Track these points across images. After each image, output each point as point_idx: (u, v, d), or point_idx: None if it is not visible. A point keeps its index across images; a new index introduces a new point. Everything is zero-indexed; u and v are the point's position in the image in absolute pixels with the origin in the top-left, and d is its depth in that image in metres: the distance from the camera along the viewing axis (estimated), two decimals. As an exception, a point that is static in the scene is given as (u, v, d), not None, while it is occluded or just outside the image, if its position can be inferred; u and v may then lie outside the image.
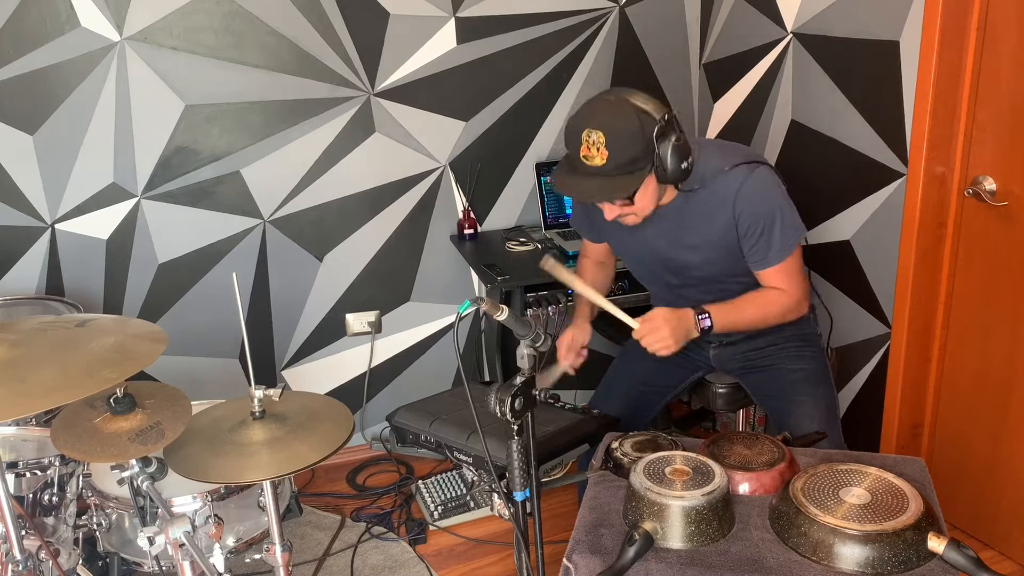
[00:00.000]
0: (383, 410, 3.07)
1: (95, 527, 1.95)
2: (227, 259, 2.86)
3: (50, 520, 1.95)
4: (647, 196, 1.90)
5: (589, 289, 1.98)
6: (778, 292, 2.01)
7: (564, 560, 1.50)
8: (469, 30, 2.89)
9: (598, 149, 1.79)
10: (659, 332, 1.90)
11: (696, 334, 1.95)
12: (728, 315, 1.98)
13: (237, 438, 1.64)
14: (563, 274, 1.97)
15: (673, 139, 1.82)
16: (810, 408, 2.07)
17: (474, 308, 1.42)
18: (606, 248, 2.31)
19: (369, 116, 2.86)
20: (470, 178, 3.03)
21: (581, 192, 1.90)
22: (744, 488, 1.59)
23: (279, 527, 1.76)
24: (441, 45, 2.87)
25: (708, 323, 1.95)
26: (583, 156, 1.81)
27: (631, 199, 1.88)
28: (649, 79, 3.14)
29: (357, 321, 3.06)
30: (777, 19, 2.77)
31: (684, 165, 1.84)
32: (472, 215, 3.04)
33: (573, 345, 2.15)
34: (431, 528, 2.71)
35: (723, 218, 1.95)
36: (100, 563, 1.99)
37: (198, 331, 2.87)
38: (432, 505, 2.76)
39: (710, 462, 1.56)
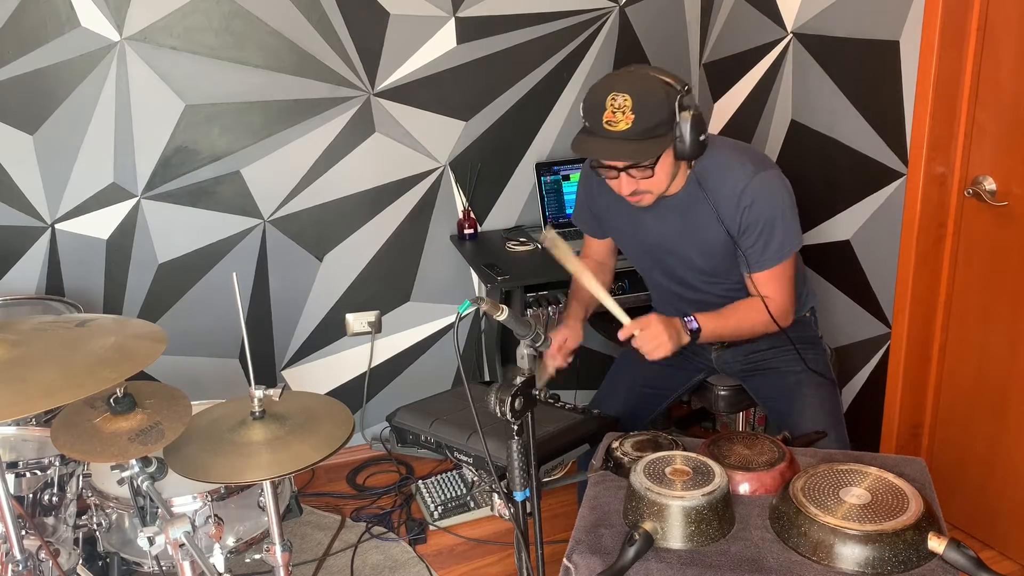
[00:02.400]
0: (383, 410, 3.07)
1: (95, 527, 1.94)
2: (227, 259, 2.86)
3: (50, 520, 1.95)
4: (664, 170, 1.90)
5: (588, 274, 1.92)
6: (770, 303, 2.00)
7: (564, 560, 1.50)
8: (469, 30, 2.89)
9: (624, 113, 1.79)
10: (655, 333, 1.89)
11: (687, 339, 1.94)
12: (714, 321, 1.99)
13: (237, 438, 1.64)
14: (562, 251, 1.88)
15: (692, 111, 1.84)
16: (814, 410, 2.07)
17: (474, 308, 1.42)
18: (608, 246, 2.30)
19: (369, 116, 2.86)
20: (470, 178, 3.03)
21: (604, 153, 1.86)
22: (744, 488, 1.59)
23: (279, 527, 1.76)
24: (441, 45, 2.87)
25: (695, 324, 1.95)
26: (606, 121, 1.80)
27: (652, 170, 1.88)
28: (649, 79, 3.14)
29: (357, 321, 3.06)
30: (777, 19, 2.77)
31: (702, 138, 1.85)
32: (472, 215, 3.04)
33: (564, 348, 2.10)
34: (431, 528, 2.71)
35: (729, 210, 1.95)
36: (100, 563, 1.99)
37: (198, 331, 2.87)
38: (432, 505, 2.76)
39: (710, 462, 1.56)
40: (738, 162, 1.96)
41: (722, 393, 2.30)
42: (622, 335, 1.92)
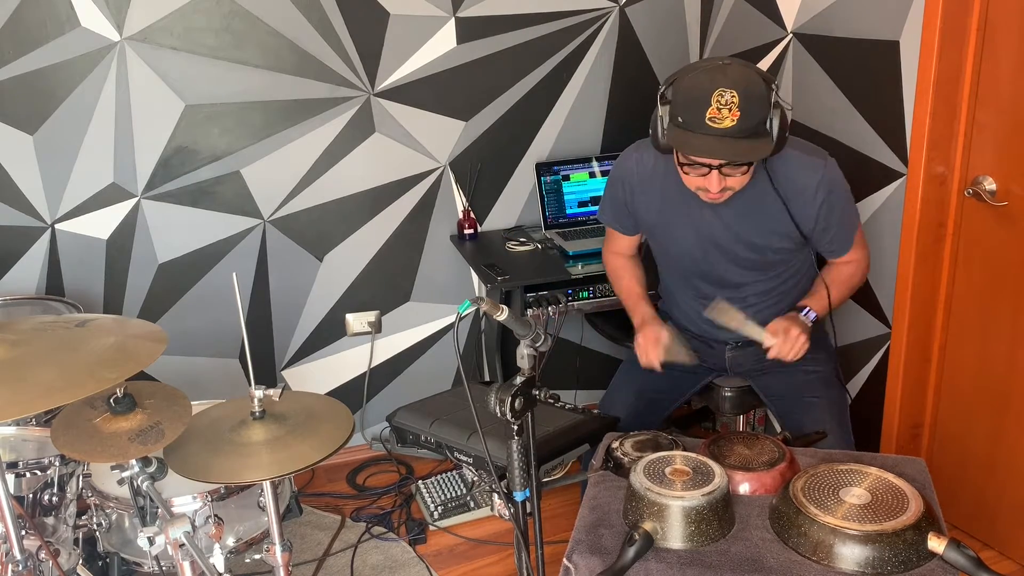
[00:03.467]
0: (383, 410, 3.07)
1: (95, 527, 1.95)
2: (227, 259, 2.86)
3: (50, 520, 1.95)
4: (754, 166, 1.90)
5: (752, 325, 2.03)
6: (853, 264, 2.11)
7: (564, 560, 1.50)
8: (469, 30, 2.89)
9: (730, 110, 1.76)
10: (794, 336, 1.97)
11: (810, 328, 2.03)
12: (822, 301, 2.08)
13: (237, 438, 1.64)
14: (735, 321, 2.04)
15: (784, 106, 1.84)
16: (822, 410, 2.07)
17: (474, 308, 1.42)
18: (636, 241, 2.30)
19: (369, 116, 2.86)
20: (470, 178, 3.03)
21: (719, 150, 1.81)
22: (744, 488, 1.59)
23: (279, 527, 1.76)
24: (441, 45, 2.87)
25: (813, 315, 2.05)
26: (710, 118, 1.77)
27: (750, 166, 1.88)
28: (649, 79, 3.14)
29: (357, 321, 3.06)
30: (777, 19, 2.77)
31: (787, 135, 1.86)
32: (472, 215, 3.04)
33: (661, 342, 2.11)
34: (431, 528, 2.71)
35: (802, 202, 1.97)
36: (100, 563, 1.99)
37: (198, 331, 2.87)
38: (432, 505, 2.76)
39: (710, 462, 1.56)
40: (803, 154, 1.99)
41: (728, 394, 2.30)
42: (771, 355, 2.00)
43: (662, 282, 2.33)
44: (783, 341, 1.97)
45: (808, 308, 2.06)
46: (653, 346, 2.10)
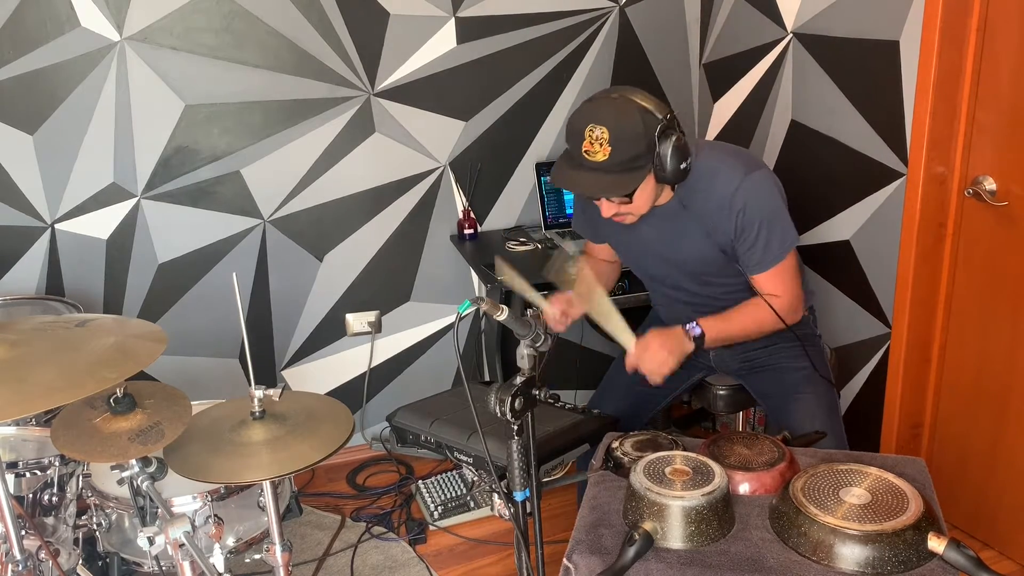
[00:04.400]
0: (383, 410, 3.07)
1: (95, 527, 1.94)
2: (227, 259, 2.86)
3: (50, 520, 1.95)
4: (645, 195, 1.90)
5: (537, 295, 1.91)
6: (775, 301, 1.99)
7: (564, 560, 1.50)
8: (469, 30, 2.89)
9: (601, 145, 1.79)
10: (654, 352, 1.90)
11: (691, 346, 1.94)
12: (718, 324, 1.97)
13: (237, 438, 1.64)
14: (515, 282, 1.88)
15: (674, 139, 1.82)
16: (811, 406, 2.07)
17: (474, 308, 1.42)
18: (606, 249, 2.32)
19: (369, 116, 2.86)
20: (470, 178, 3.03)
21: (581, 186, 1.88)
22: (744, 488, 1.59)
23: (279, 527, 1.76)
24: (441, 45, 2.87)
25: (698, 331, 1.94)
26: (584, 151, 1.81)
27: (630, 197, 1.89)
28: (649, 79, 3.14)
29: (357, 321, 3.06)
30: (777, 19, 2.77)
31: (683, 166, 1.84)
32: (472, 215, 3.04)
33: (569, 314, 2.02)
34: (431, 528, 2.71)
35: (720, 218, 1.95)
36: (100, 563, 1.99)
37: (198, 331, 2.87)
38: (432, 505, 2.76)
39: (710, 462, 1.56)
40: (725, 166, 1.94)
41: (720, 393, 2.30)
42: (628, 368, 1.93)
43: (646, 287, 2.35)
44: (639, 356, 1.90)
45: (697, 324, 1.94)
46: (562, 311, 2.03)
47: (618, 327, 1.89)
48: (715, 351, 2.22)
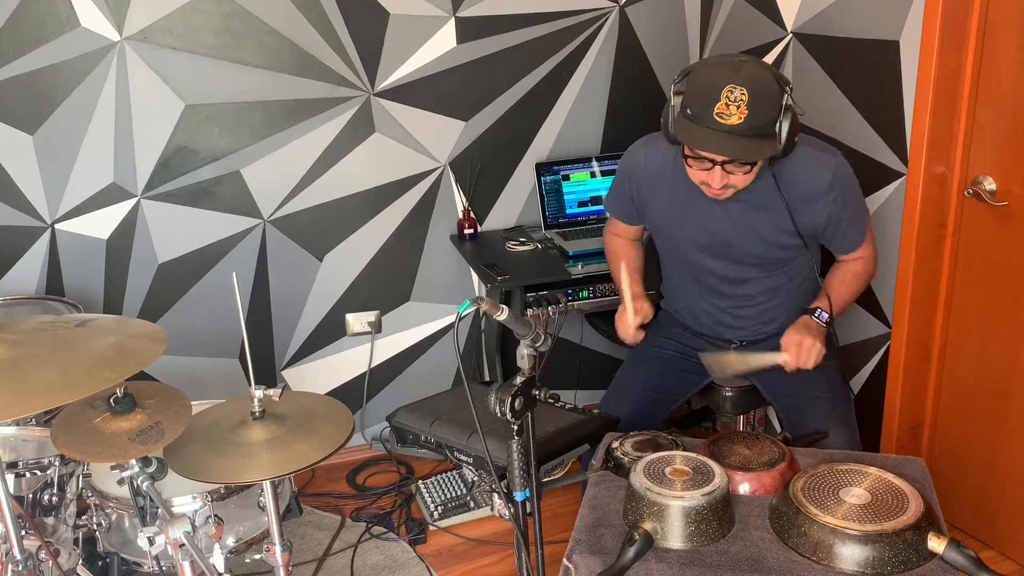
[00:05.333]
0: (383, 410, 3.07)
1: (95, 527, 1.94)
2: (227, 259, 2.86)
3: (50, 520, 1.95)
4: (758, 166, 1.89)
5: (758, 355, 2.05)
6: (862, 261, 2.10)
7: (564, 560, 1.50)
8: (469, 30, 2.89)
9: (738, 107, 1.75)
10: (808, 348, 1.97)
11: (824, 328, 2.04)
12: (833, 302, 2.06)
13: (237, 438, 1.65)
14: (742, 364, 2.06)
15: (796, 110, 1.82)
16: (827, 406, 2.07)
17: (474, 308, 1.42)
18: (637, 231, 2.32)
19: (369, 116, 2.86)
20: (470, 178, 3.03)
21: (721, 146, 1.81)
22: (744, 488, 1.59)
23: (279, 527, 1.76)
24: (441, 45, 2.87)
25: (825, 316, 2.04)
26: (718, 113, 1.76)
27: (751, 166, 1.87)
28: (649, 79, 3.14)
29: (357, 321, 3.06)
30: (777, 19, 2.77)
31: (796, 139, 1.84)
32: (472, 215, 3.04)
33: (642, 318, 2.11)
34: (431, 528, 2.71)
35: (811, 201, 1.97)
36: (100, 563, 1.99)
37: (198, 331, 2.87)
38: (432, 505, 2.76)
39: (710, 462, 1.56)
40: (813, 150, 1.98)
41: (729, 394, 2.29)
42: (791, 371, 2.00)
43: (666, 280, 2.34)
44: (797, 354, 1.98)
45: (819, 309, 2.05)
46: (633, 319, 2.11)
47: (763, 360, 2.02)
48: (736, 350, 2.21)
